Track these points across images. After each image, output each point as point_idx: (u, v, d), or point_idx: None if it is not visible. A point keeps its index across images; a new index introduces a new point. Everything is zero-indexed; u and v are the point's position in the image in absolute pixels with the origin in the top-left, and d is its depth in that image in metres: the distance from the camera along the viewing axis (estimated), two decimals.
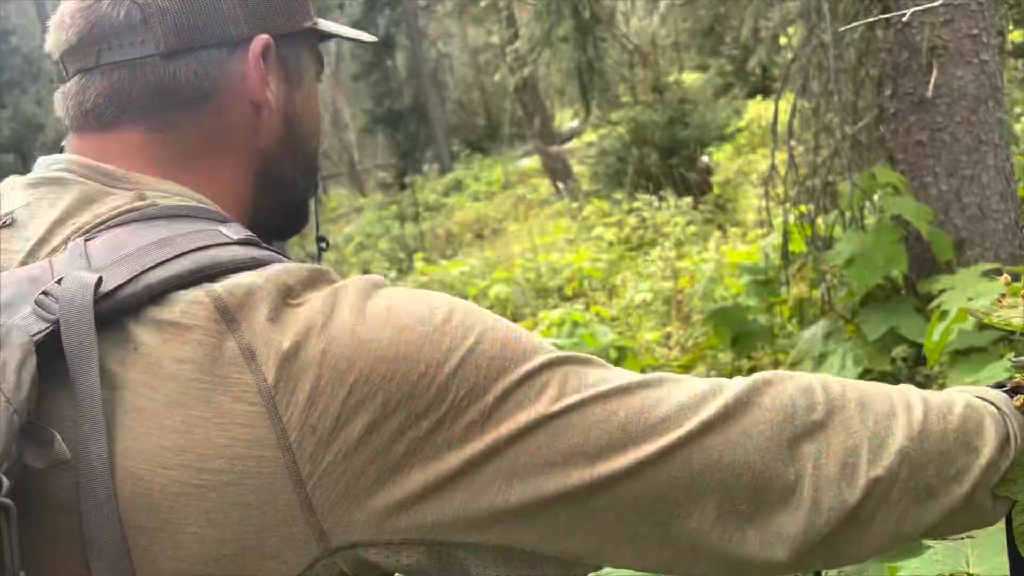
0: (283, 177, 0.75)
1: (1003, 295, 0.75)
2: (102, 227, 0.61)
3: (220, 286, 0.56)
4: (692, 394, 0.61)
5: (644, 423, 0.58)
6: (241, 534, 0.53)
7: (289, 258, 0.64)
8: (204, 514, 0.53)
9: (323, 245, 0.87)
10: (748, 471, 0.59)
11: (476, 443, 0.55)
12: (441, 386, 0.55)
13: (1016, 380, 0.71)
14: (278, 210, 0.77)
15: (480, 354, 0.57)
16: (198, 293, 0.56)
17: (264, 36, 0.70)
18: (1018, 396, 0.70)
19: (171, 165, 0.68)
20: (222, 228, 0.62)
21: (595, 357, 0.63)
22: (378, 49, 19.04)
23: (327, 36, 0.80)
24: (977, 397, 0.69)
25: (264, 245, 0.64)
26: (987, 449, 0.66)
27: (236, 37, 0.69)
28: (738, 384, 0.62)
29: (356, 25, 18.82)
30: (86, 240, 0.60)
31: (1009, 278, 0.80)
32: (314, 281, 0.59)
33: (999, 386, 0.73)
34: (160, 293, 0.56)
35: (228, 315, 0.55)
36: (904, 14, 2.34)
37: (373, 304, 0.58)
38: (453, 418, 0.55)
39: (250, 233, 0.64)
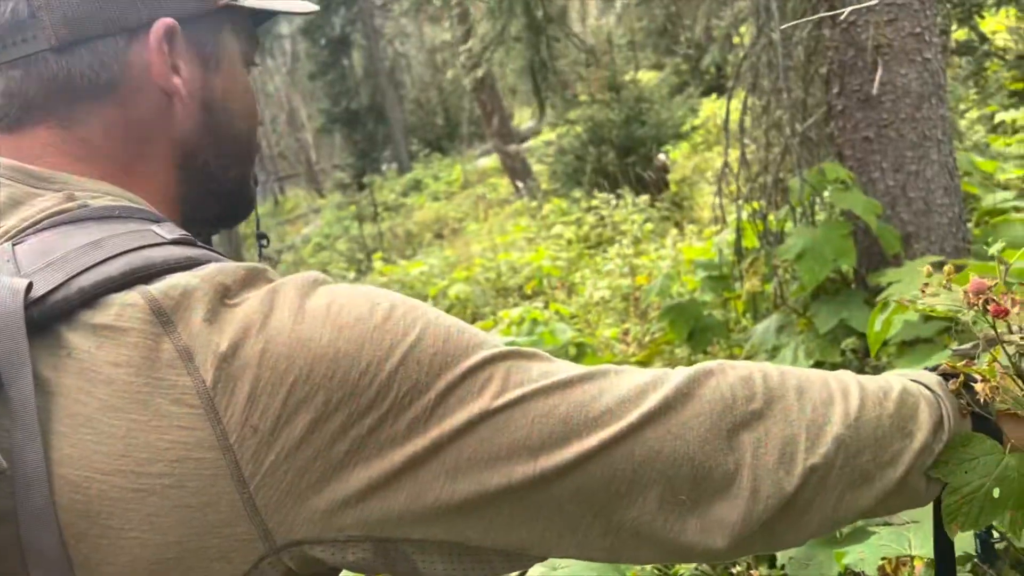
0: (208, 167, 0.72)
1: (926, 284, 0.77)
2: (30, 231, 0.60)
3: (155, 288, 0.55)
4: (633, 386, 0.61)
5: (586, 416, 0.59)
6: (184, 537, 0.53)
7: (227, 257, 0.63)
8: (145, 518, 0.52)
9: (264, 242, 0.85)
10: (688, 462, 0.60)
11: (419, 439, 0.55)
12: (383, 383, 0.55)
13: (944, 365, 0.73)
14: (210, 200, 0.74)
15: (421, 351, 0.57)
16: (133, 295, 0.55)
17: (166, 20, 0.67)
18: (953, 380, 0.72)
19: (93, 162, 0.67)
20: (155, 228, 0.61)
21: (539, 351, 0.63)
22: (334, 48, 18.87)
23: (258, 13, 0.76)
24: (913, 381, 0.71)
25: (200, 244, 0.63)
26: (921, 433, 0.68)
27: (134, 23, 0.66)
28: (679, 375, 0.63)
29: (311, 24, 18.64)
30: (14, 245, 0.58)
31: (952, 269, 0.82)
32: (251, 280, 0.58)
33: (934, 369, 0.75)
34: (93, 297, 0.55)
35: (164, 317, 0.54)
36: (842, 13, 2.38)
37: (312, 302, 0.57)
38: (396, 415, 0.55)
39: (184, 232, 0.63)
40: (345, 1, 19.11)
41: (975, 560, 0.73)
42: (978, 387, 0.69)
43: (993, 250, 0.95)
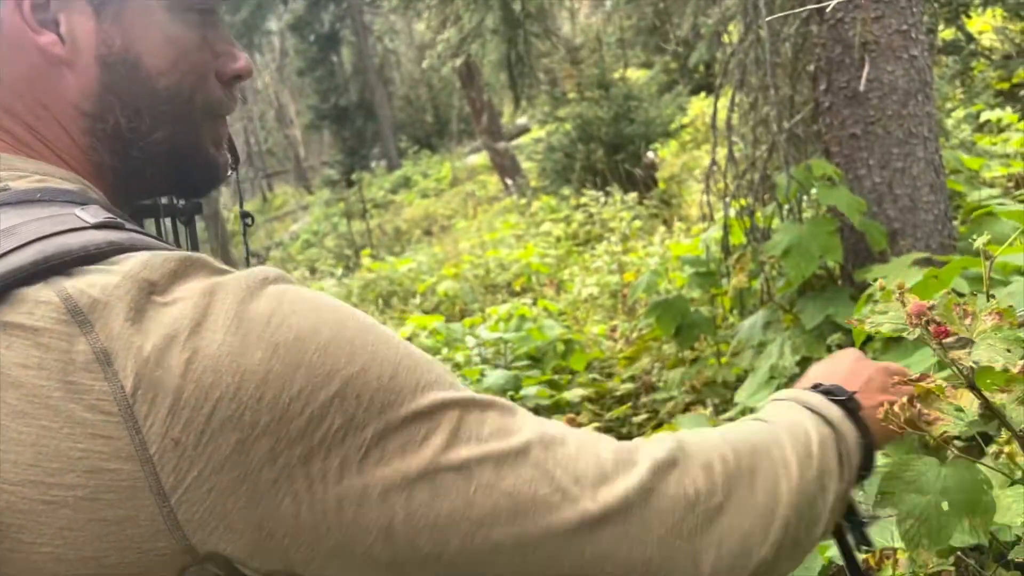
0: (119, 129, 0.64)
1: (876, 301, 0.77)
2: None
3: (71, 283, 0.50)
4: (594, 464, 0.56)
5: (534, 495, 0.53)
6: (102, 551, 0.49)
7: (169, 245, 0.57)
8: (59, 532, 0.48)
9: (248, 221, 0.81)
10: (645, 565, 0.57)
11: (352, 482, 0.51)
12: (315, 414, 0.50)
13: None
14: (143, 167, 0.66)
15: (363, 383, 0.51)
16: (47, 292, 0.50)
17: None
18: (902, 403, 0.73)
19: (8, 137, 0.62)
20: (79, 211, 0.55)
21: (497, 399, 0.57)
22: (323, 44, 18.80)
23: None
24: (811, 411, 0.71)
25: (129, 227, 0.56)
26: (834, 485, 0.68)
27: None
28: (643, 462, 0.58)
29: (300, 20, 18.58)
30: None
31: (902, 284, 0.83)
32: (183, 272, 0.52)
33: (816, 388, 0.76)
34: (3, 290, 0.50)
35: (80, 315, 0.49)
36: (828, 5, 2.39)
37: (253, 309, 0.52)
38: (328, 450, 0.50)
39: (110, 215, 0.56)
40: None
41: (856, 547, 0.73)
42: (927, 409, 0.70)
43: (978, 244, 0.95)
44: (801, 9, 2.59)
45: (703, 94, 11.51)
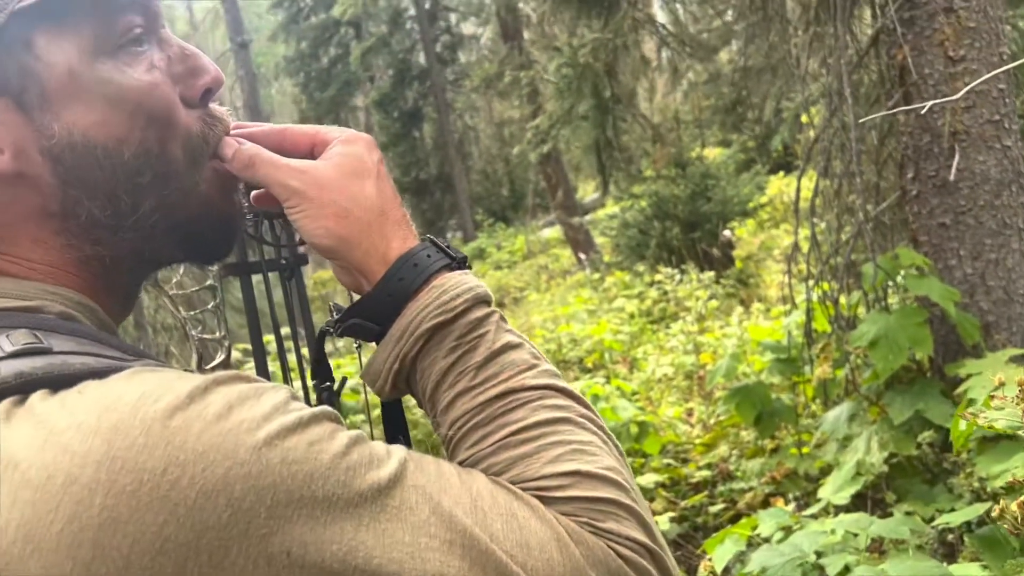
0: (98, 220, 0.56)
1: (992, 396, 0.74)
2: None
3: None
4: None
5: None
6: None
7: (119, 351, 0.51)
8: None
9: (284, 268, 0.72)
10: None
11: None
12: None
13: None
14: (141, 248, 0.59)
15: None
16: None
17: None
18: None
19: None
20: (2, 338, 0.49)
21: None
22: (406, 120, 19.47)
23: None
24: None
25: (52, 350, 0.48)
26: None
27: None
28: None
29: (385, 98, 19.33)
30: None
31: None
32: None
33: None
34: None
35: None
36: (924, 106, 2.36)
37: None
38: None
39: (36, 340, 0.49)
40: (419, 76, 19.80)
41: None
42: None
43: None
44: (891, 111, 2.57)
45: (782, 173, 11.44)
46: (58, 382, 0.46)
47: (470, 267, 0.67)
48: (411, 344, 0.61)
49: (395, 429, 0.71)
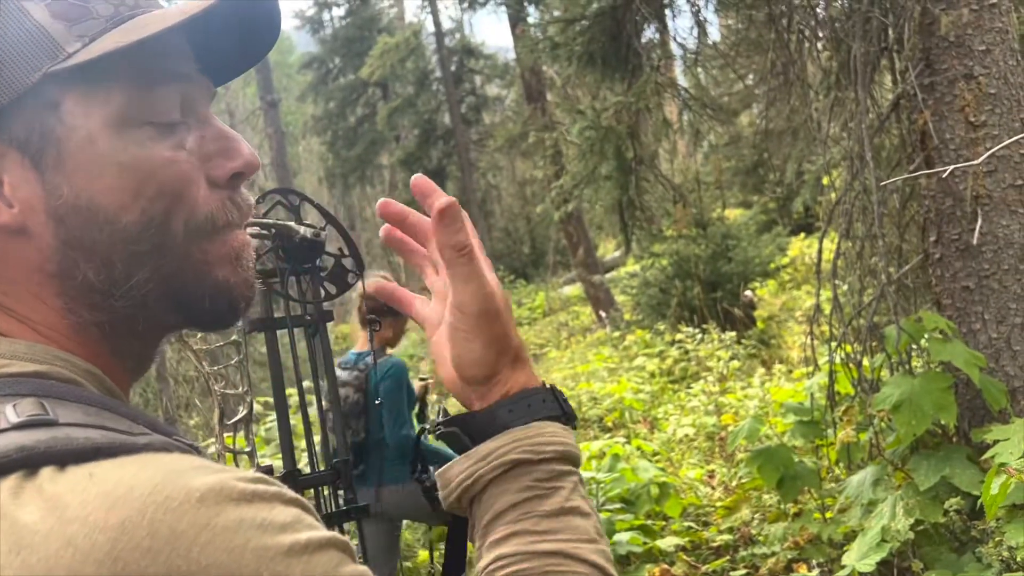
0: (92, 284, 0.56)
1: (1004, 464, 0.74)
2: None
3: None
4: None
5: None
6: None
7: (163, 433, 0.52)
8: None
9: (310, 324, 0.74)
10: None
11: None
12: None
13: None
14: (140, 314, 0.58)
15: None
16: None
17: None
18: None
19: None
20: (9, 409, 0.48)
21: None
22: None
23: (134, 57, 0.54)
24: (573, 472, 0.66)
25: (61, 422, 0.48)
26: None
27: None
28: None
29: (410, 157, 19.67)
30: None
31: None
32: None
33: None
34: None
35: None
36: (947, 170, 2.38)
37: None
38: None
39: (42, 411, 0.48)
40: (443, 136, 20.17)
41: None
42: None
43: None
44: (913, 174, 2.58)
45: (803, 235, 11.44)
46: (63, 457, 0.45)
47: (575, 427, 0.69)
48: (491, 468, 0.63)
49: (456, 552, 0.72)
